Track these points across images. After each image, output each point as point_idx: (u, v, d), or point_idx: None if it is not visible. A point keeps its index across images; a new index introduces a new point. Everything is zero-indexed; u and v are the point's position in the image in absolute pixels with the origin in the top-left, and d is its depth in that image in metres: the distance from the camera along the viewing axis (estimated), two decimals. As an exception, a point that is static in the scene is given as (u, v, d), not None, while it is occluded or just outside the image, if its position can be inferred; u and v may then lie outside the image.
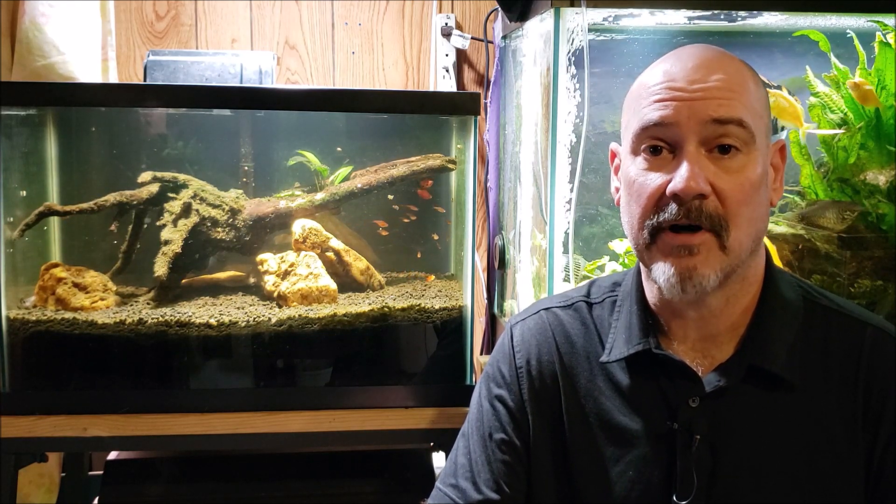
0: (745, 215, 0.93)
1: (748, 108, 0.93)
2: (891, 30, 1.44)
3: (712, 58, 0.95)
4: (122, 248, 1.60)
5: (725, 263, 0.93)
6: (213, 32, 1.98)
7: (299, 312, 1.51)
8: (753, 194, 0.93)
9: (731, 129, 0.92)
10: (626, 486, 0.98)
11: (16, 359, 1.48)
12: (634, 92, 0.99)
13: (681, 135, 0.92)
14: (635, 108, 0.97)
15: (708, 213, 0.91)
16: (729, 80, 0.93)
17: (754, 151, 0.93)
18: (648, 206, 0.94)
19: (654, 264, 0.95)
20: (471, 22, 2.03)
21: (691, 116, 0.92)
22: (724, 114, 0.91)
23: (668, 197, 0.92)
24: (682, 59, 0.96)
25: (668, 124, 0.93)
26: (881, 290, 1.47)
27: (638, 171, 0.96)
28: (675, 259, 0.93)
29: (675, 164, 0.93)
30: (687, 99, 0.92)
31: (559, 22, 1.39)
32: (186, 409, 1.48)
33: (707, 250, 0.92)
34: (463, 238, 1.59)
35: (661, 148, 0.94)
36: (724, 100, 0.92)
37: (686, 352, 1.00)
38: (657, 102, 0.94)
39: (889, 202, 1.46)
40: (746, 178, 0.93)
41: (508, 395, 1.07)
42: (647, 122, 0.94)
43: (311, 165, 1.61)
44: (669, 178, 0.92)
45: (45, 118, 1.58)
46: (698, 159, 0.92)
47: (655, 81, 0.95)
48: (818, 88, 1.50)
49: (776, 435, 0.96)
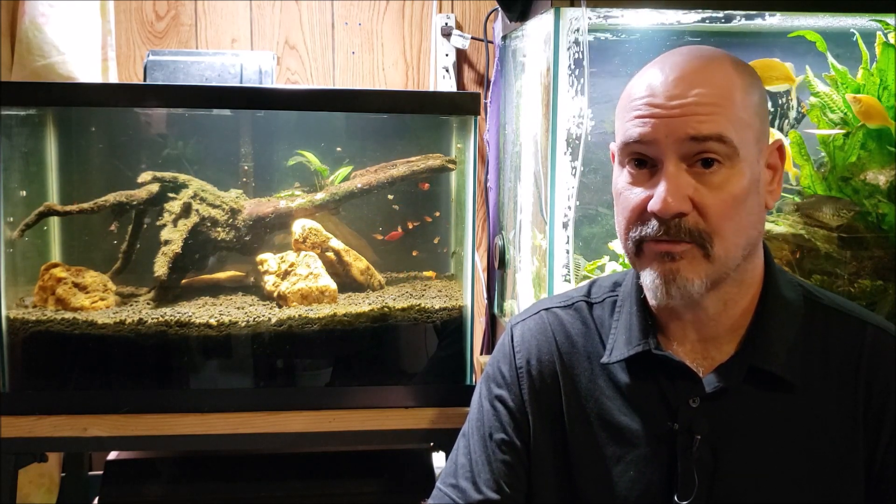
0: (730, 227, 0.92)
1: (731, 120, 0.91)
2: (892, 29, 1.44)
3: (697, 68, 0.93)
4: (122, 248, 1.60)
5: (711, 271, 0.92)
6: (213, 32, 1.98)
7: (299, 312, 1.51)
8: (738, 207, 0.92)
9: (710, 145, 0.90)
10: (626, 487, 0.99)
11: (16, 359, 1.48)
12: (622, 101, 0.98)
13: (660, 151, 0.92)
14: (621, 120, 0.97)
15: (688, 229, 0.91)
16: (710, 94, 0.91)
17: (739, 163, 0.92)
18: (632, 220, 0.95)
19: (642, 271, 0.96)
20: (471, 22, 2.03)
21: (669, 134, 0.91)
22: (702, 131, 0.90)
23: (649, 213, 0.92)
24: (665, 70, 0.94)
25: (647, 142, 0.92)
26: (881, 290, 1.47)
27: (623, 184, 0.96)
28: (659, 264, 0.93)
29: (655, 181, 0.93)
30: (664, 116, 0.91)
31: (559, 22, 1.38)
32: (186, 409, 1.48)
33: (691, 258, 0.92)
34: (463, 238, 1.59)
35: (645, 161, 0.94)
36: (703, 115, 0.90)
37: (686, 352, 1.00)
38: (637, 118, 0.93)
39: (889, 202, 1.46)
40: (729, 192, 0.91)
41: (509, 395, 1.07)
42: (629, 139, 0.94)
43: (310, 165, 1.61)
44: (650, 194, 0.92)
45: (45, 118, 1.58)
46: (677, 177, 0.91)
47: (638, 94, 0.94)
48: (818, 88, 1.50)
49: (777, 435, 0.96)
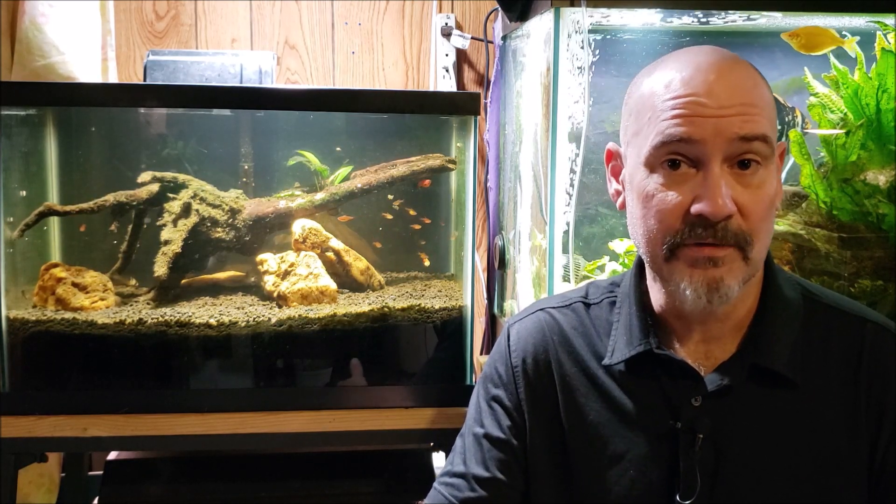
0: (766, 229, 0.93)
1: (770, 121, 0.92)
2: (891, 30, 1.44)
3: (731, 68, 0.92)
4: (122, 248, 1.60)
5: (747, 273, 0.93)
6: (213, 32, 1.98)
7: (299, 312, 1.51)
8: (772, 208, 0.93)
9: (755, 145, 0.90)
10: (626, 486, 0.98)
11: (16, 359, 1.48)
12: (647, 99, 0.94)
13: (705, 152, 0.90)
14: (651, 118, 0.93)
15: (733, 232, 0.90)
16: (751, 94, 0.91)
17: (772, 164, 0.93)
18: (672, 224, 0.91)
19: (675, 277, 0.93)
20: (471, 22, 2.03)
21: (718, 134, 0.89)
22: (749, 131, 0.89)
23: (693, 216, 0.90)
24: (701, 68, 0.91)
25: (692, 141, 0.90)
26: (881, 290, 1.47)
27: (656, 185, 0.92)
28: (702, 271, 0.91)
29: (698, 182, 0.90)
30: (712, 115, 0.89)
31: (559, 22, 1.38)
32: (186, 409, 1.48)
33: (731, 261, 0.91)
34: (463, 238, 1.59)
35: (679, 162, 0.91)
36: (748, 116, 0.90)
37: (688, 351, 1.00)
38: (679, 118, 0.90)
39: (889, 202, 1.46)
40: (766, 192, 0.92)
41: (505, 394, 1.07)
42: (670, 137, 0.90)
43: (310, 165, 1.61)
44: (692, 196, 0.90)
45: (45, 118, 1.57)
46: (724, 178, 0.90)
47: (674, 93, 0.91)
48: (817, 89, 1.50)
49: (779, 433, 0.96)
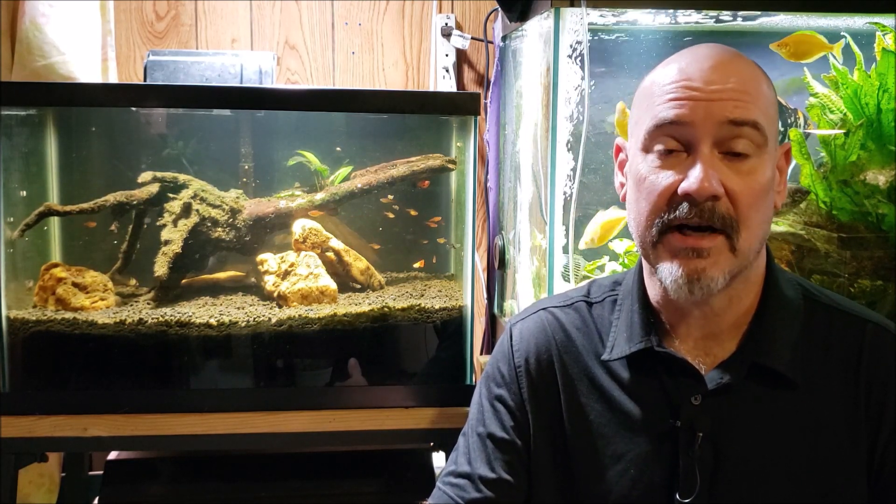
0: (755, 218, 0.93)
1: (763, 111, 0.93)
2: (889, 31, 1.44)
3: (728, 59, 0.95)
4: (122, 248, 1.60)
5: (734, 265, 0.93)
6: (213, 32, 1.98)
7: (299, 312, 1.51)
8: (764, 197, 0.94)
9: (745, 130, 0.92)
10: (627, 485, 0.99)
11: (16, 359, 1.48)
12: (647, 88, 0.98)
13: (695, 135, 0.92)
14: (648, 105, 0.96)
15: (720, 215, 0.91)
16: (745, 82, 0.93)
17: (765, 154, 0.93)
18: (659, 204, 0.93)
19: (660, 263, 0.95)
20: (471, 22, 2.03)
21: (707, 117, 0.91)
22: (739, 115, 0.91)
23: (681, 196, 0.92)
24: (699, 58, 0.95)
25: (683, 123, 0.92)
26: (881, 290, 1.47)
27: (649, 168, 0.95)
28: (684, 260, 0.93)
29: (688, 164, 0.92)
30: (703, 99, 0.92)
31: (559, 22, 1.39)
32: (186, 409, 1.48)
33: (717, 253, 0.92)
34: (463, 238, 1.59)
35: (670, 150, 0.94)
36: (740, 101, 0.91)
37: (688, 350, 1.00)
38: (673, 101, 0.93)
39: (889, 202, 1.46)
40: (757, 181, 0.93)
41: (508, 394, 1.07)
42: (662, 121, 0.93)
43: (310, 165, 1.61)
44: (681, 177, 0.92)
45: (45, 118, 1.57)
46: (712, 161, 0.91)
47: (671, 79, 0.94)
48: (816, 89, 1.51)
49: (778, 432, 0.96)
